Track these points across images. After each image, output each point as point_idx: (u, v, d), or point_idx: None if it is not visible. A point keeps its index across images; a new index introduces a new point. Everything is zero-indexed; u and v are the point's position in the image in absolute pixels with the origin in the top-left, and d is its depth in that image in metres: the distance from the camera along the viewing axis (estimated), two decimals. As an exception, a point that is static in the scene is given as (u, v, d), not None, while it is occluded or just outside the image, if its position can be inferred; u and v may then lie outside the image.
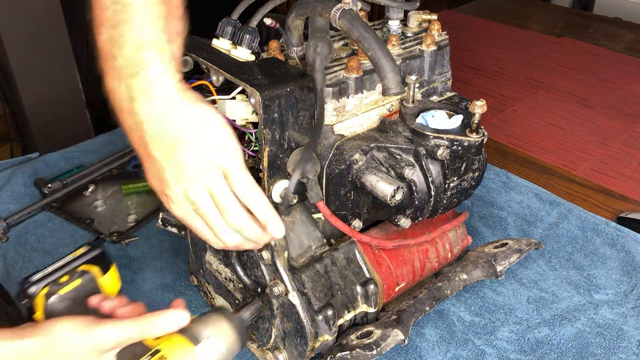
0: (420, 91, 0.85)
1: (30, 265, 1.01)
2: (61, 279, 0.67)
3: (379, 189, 0.72)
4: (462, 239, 0.94)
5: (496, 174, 1.23)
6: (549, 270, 1.00)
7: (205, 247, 0.86)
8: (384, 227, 0.87)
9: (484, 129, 0.76)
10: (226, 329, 0.62)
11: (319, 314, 0.75)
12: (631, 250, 1.03)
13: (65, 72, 1.76)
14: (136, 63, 0.58)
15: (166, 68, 0.59)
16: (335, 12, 0.69)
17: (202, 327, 0.61)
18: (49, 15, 1.66)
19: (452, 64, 0.89)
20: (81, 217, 1.12)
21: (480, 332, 0.89)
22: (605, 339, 0.88)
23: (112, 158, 1.26)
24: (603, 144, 1.38)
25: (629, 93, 1.59)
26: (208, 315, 0.63)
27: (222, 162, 0.61)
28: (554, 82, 1.65)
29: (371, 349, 0.75)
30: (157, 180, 0.62)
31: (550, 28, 1.99)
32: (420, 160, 0.76)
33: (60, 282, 0.66)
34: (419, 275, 0.89)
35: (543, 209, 1.13)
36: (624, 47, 1.86)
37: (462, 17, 2.08)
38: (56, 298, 0.65)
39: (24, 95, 1.71)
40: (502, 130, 1.44)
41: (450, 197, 0.79)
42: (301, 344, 0.75)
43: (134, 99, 0.59)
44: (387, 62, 0.68)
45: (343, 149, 0.74)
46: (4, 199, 1.15)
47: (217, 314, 0.63)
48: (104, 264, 0.70)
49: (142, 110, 0.59)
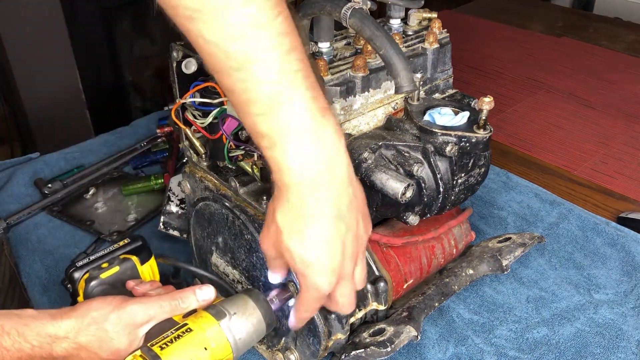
0: (424, 89, 0.85)
1: (30, 266, 1.01)
2: (102, 265, 0.73)
3: (389, 186, 0.72)
4: (466, 235, 0.95)
5: (496, 174, 1.23)
6: (549, 269, 1.00)
7: (212, 249, 0.86)
8: (390, 224, 0.87)
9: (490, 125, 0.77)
10: (252, 307, 0.64)
11: (332, 312, 0.75)
12: (631, 250, 1.03)
13: (65, 72, 1.77)
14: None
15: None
16: (346, 12, 0.69)
17: (229, 304, 0.64)
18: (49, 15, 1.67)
19: (452, 63, 0.89)
20: (82, 219, 1.12)
21: (480, 331, 0.89)
22: (605, 338, 0.88)
23: (112, 158, 1.26)
24: (603, 144, 1.38)
25: (629, 93, 1.59)
26: (237, 295, 0.66)
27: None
28: (554, 82, 1.65)
29: (385, 346, 0.76)
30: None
31: (551, 28, 1.99)
32: (428, 157, 0.76)
33: (101, 268, 0.73)
34: (425, 272, 0.89)
35: (543, 209, 1.13)
36: (624, 47, 1.86)
37: (462, 17, 2.08)
38: (96, 282, 0.71)
39: (24, 95, 1.71)
40: (502, 130, 1.44)
41: (458, 193, 0.80)
42: (314, 343, 0.75)
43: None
44: (399, 60, 0.68)
45: (351, 148, 0.75)
46: (4, 199, 1.15)
47: (245, 294, 0.66)
48: (144, 254, 0.76)
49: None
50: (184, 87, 0.79)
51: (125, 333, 0.61)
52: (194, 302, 0.64)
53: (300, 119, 0.55)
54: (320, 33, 0.79)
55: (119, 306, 0.62)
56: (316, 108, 0.55)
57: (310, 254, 0.58)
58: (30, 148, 1.74)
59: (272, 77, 0.53)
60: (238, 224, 0.77)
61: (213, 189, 0.81)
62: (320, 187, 0.56)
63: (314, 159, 0.56)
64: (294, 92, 0.54)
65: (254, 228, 0.74)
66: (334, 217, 0.57)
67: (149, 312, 0.62)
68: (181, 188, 0.90)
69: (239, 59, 0.53)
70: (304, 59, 0.55)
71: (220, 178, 0.81)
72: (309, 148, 0.55)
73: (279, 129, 0.55)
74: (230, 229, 0.79)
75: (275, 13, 0.53)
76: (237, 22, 0.52)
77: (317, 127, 0.55)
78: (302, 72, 0.55)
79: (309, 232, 0.57)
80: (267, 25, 0.52)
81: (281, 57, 0.53)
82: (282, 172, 0.56)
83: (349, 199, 0.59)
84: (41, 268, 1.01)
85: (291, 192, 0.57)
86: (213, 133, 0.78)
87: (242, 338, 0.63)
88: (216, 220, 0.82)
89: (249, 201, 0.76)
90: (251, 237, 0.75)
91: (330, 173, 0.57)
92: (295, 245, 0.58)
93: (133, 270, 0.75)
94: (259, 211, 0.75)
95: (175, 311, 0.64)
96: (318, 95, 0.56)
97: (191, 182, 0.86)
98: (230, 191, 0.79)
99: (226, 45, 0.53)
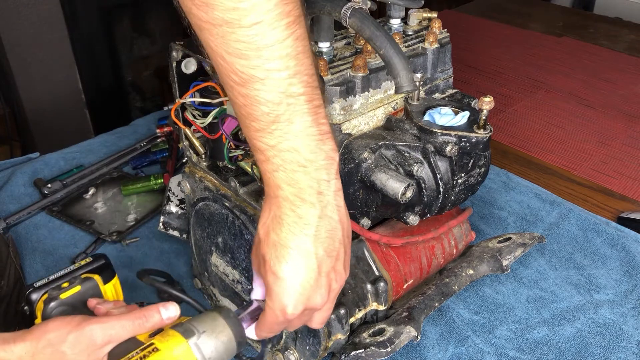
0: (424, 89, 0.85)
1: (30, 266, 1.01)
2: (62, 285, 0.68)
3: (389, 186, 0.72)
4: (467, 235, 0.95)
5: (496, 174, 1.23)
6: (549, 269, 1.00)
7: (211, 249, 0.86)
8: (389, 224, 0.87)
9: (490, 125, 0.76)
10: (222, 325, 0.62)
11: (332, 312, 0.75)
12: (631, 250, 1.03)
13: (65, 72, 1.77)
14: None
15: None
16: (346, 11, 0.69)
17: (198, 323, 0.61)
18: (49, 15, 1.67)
19: (452, 63, 0.89)
20: (82, 219, 1.12)
21: (480, 331, 0.89)
22: (605, 338, 0.88)
23: (112, 158, 1.26)
24: (603, 144, 1.38)
25: (629, 93, 1.59)
26: (206, 312, 0.63)
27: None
28: (554, 82, 1.65)
29: (385, 347, 0.75)
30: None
31: (551, 28, 1.99)
32: (428, 157, 0.76)
33: (61, 288, 0.67)
34: (425, 272, 0.89)
35: (543, 209, 1.13)
36: (624, 47, 1.86)
37: (462, 17, 2.08)
38: (55, 303, 0.66)
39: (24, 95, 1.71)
40: (502, 130, 1.44)
41: (458, 193, 0.80)
42: (314, 343, 0.75)
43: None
44: (399, 60, 0.68)
45: (351, 148, 0.74)
46: (4, 199, 1.15)
47: (216, 312, 0.63)
48: (107, 273, 0.71)
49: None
50: (183, 87, 0.79)
51: (84, 355, 0.57)
52: (159, 320, 0.61)
53: (294, 144, 0.55)
54: (320, 33, 0.79)
55: (78, 327, 0.58)
56: (313, 133, 0.55)
57: (283, 268, 0.57)
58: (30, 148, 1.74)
59: (273, 98, 0.53)
60: (238, 224, 0.77)
61: (213, 189, 0.81)
62: (303, 207, 0.56)
63: (303, 183, 0.56)
64: (293, 115, 0.54)
65: (254, 228, 0.74)
66: (313, 237, 0.57)
67: (110, 332, 0.59)
68: (181, 188, 0.90)
69: (241, 76, 0.53)
70: (311, 81, 0.55)
71: (220, 178, 0.81)
72: (299, 171, 0.55)
73: (274, 149, 0.55)
74: (230, 229, 0.79)
75: (285, 34, 0.52)
76: (244, 39, 0.51)
77: (311, 153, 0.55)
78: (306, 96, 0.54)
79: (285, 248, 0.57)
80: (274, 46, 0.51)
81: (285, 79, 0.53)
82: (270, 186, 0.57)
83: (333, 226, 0.58)
84: (41, 268, 1.01)
85: (276, 205, 0.57)
86: (213, 133, 0.78)
87: (212, 357, 0.60)
88: (216, 220, 0.82)
89: (248, 201, 0.76)
90: (251, 237, 0.75)
91: (317, 196, 0.56)
92: (271, 256, 0.58)
93: (95, 289, 0.69)
94: (259, 211, 0.75)
95: (138, 330, 0.60)
96: (319, 120, 0.55)
97: (191, 182, 0.86)
98: (230, 191, 0.79)
99: (231, 60, 0.52)
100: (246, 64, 0.52)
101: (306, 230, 0.57)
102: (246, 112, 0.55)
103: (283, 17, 0.51)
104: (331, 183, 0.57)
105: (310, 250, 0.57)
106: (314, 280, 0.58)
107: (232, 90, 0.55)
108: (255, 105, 0.54)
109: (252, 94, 0.53)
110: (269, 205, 0.58)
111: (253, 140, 0.56)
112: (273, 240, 0.58)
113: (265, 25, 0.51)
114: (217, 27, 0.51)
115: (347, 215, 0.61)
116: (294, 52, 0.53)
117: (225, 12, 0.50)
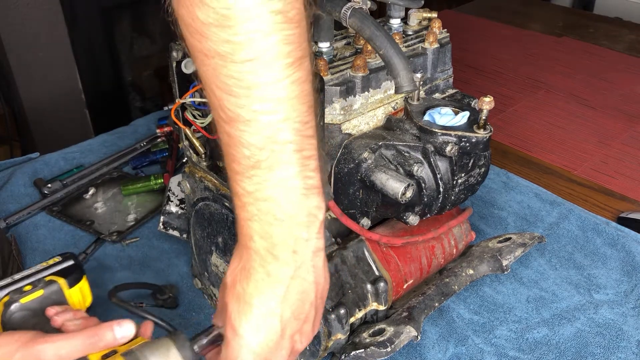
0: (424, 89, 0.85)
1: (30, 266, 1.01)
2: (24, 288, 0.63)
3: (389, 186, 0.72)
4: (467, 235, 0.95)
5: (496, 174, 1.23)
6: (549, 269, 1.00)
7: (211, 249, 0.86)
8: (389, 224, 0.87)
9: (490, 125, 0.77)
10: (174, 355, 0.57)
11: (332, 313, 0.75)
12: (632, 250, 1.03)
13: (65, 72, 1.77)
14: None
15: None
16: (346, 11, 0.69)
17: (148, 350, 0.57)
18: (49, 15, 1.67)
19: (452, 63, 0.89)
20: (81, 219, 1.12)
21: (480, 331, 0.89)
22: (605, 338, 0.88)
23: (112, 158, 1.26)
24: (603, 144, 1.38)
25: (629, 93, 1.59)
26: (161, 339, 0.59)
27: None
28: (554, 82, 1.65)
29: (385, 347, 0.76)
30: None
31: (551, 28, 1.99)
32: (428, 157, 0.76)
33: (23, 291, 0.63)
34: (425, 272, 0.89)
35: (543, 209, 1.13)
36: (624, 47, 1.86)
37: (462, 17, 2.08)
38: (15, 307, 0.62)
39: (24, 95, 1.71)
40: (502, 130, 1.44)
41: (458, 193, 0.80)
42: (314, 343, 0.75)
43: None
44: (399, 60, 0.68)
45: (351, 148, 0.75)
46: (4, 199, 1.15)
47: (170, 340, 0.58)
48: (73, 276, 0.66)
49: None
50: (183, 86, 0.79)
51: None
52: (112, 339, 0.57)
53: (273, 194, 0.50)
54: (320, 33, 0.79)
55: (26, 345, 0.55)
56: (296, 186, 0.51)
57: (243, 325, 0.53)
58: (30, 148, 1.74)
59: (257, 142, 0.49)
60: (238, 224, 0.77)
61: (213, 189, 0.81)
62: (274, 264, 0.52)
63: (277, 238, 0.52)
64: (275, 163, 0.49)
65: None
66: (281, 298, 0.53)
67: (60, 352, 0.55)
68: (181, 188, 0.90)
69: (228, 114, 0.49)
70: (304, 129, 0.50)
71: (220, 178, 0.81)
72: (275, 224, 0.51)
73: (251, 195, 0.51)
74: (230, 229, 0.79)
75: (280, 75, 0.48)
76: (235, 75, 0.47)
77: (291, 207, 0.51)
78: (295, 145, 0.49)
79: (249, 306, 0.53)
80: (266, 86, 0.48)
81: (273, 124, 0.48)
82: (242, 235, 0.53)
83: (305, 287, 0.54)
84: (41, 268, 1.01)
85: (246, 256, 0.53)
86: (213, 133, 0.78)
87: None
88: (216, 220, 0.82)
89: (248, 201, 0.76)
90: (251, 237, 0.75)
91: (291, 255, 0.52)
92: (233, 309, 0.54)
93: (59, 294, 0.65)
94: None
95: (90, 350, 0.57)
96: (306, 172, 0.51)
97: (191, 182, 0.86)
98: (230, 191, 0.79)
99: (220, 95, 0.49)
100: (234, 102, 0.48)
101: (275, 290, 0.53)
102: (228, 152, 0.51)
103: (281, 57, 0.47)
104: (310, 243, 0.53)
105: (275, 312, 0.53)
106: (274, 343, 0.54)
107: (219, 127, 0.51)
108: (238, 146, 0.50)
109: (236, 135, 0.49)
110: (239, 253, 0.54)
111: (232, 182, 0.52)
112: (238, 293, 0.54)
113: (259, 63, 0.47)
114: (210, 59, 0.48)
115: (324, 276, 0.57)
116: (288, 96, 0.48)
117: (218, 44, 0.47)
